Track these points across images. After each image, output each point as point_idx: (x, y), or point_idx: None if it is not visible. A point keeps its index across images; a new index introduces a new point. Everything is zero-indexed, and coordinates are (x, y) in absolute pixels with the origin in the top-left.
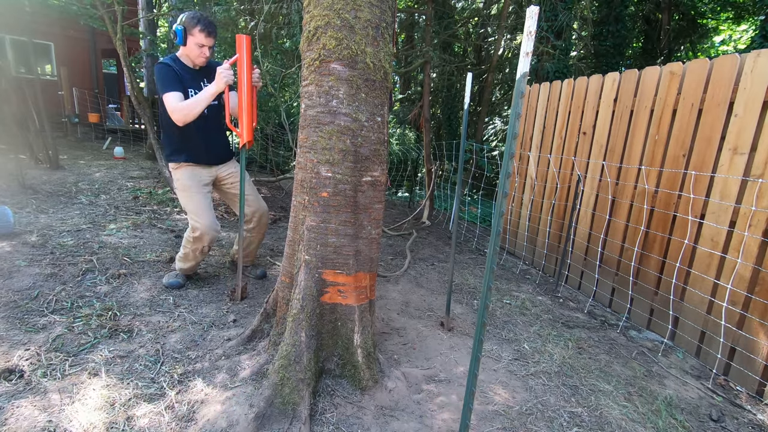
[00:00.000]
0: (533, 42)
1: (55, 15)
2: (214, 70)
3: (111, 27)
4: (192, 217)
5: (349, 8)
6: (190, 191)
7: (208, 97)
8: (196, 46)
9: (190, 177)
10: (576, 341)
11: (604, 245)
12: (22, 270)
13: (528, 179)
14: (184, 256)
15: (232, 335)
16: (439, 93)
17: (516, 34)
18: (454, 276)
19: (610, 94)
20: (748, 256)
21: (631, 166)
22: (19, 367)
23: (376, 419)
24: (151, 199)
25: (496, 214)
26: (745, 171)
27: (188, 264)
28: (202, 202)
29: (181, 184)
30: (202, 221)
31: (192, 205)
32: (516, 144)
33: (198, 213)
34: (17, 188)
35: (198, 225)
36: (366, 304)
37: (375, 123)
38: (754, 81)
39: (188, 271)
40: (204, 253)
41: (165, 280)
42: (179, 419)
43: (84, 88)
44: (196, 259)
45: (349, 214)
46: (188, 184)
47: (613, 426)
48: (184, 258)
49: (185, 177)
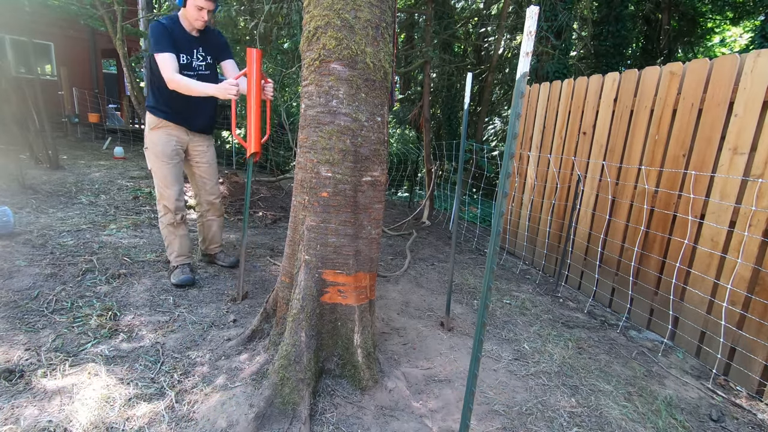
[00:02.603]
0: (533, 42)
1: (55, 15)
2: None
3: (111, 27)
4: (158, 184)
5: (349, 8)
6: (160, 160)
7: (201, 92)
8: (195, 9)
9: (164, 144)
10: (576, 341)
11: (604, 245)
12: (22, 270)
13: (528, 179)
14: (166, 241)
15: (232, 335)
16: (439, 93)
17: (516, 34)
18: (454, 276)
19: (610, 94)
20: (748, 256)
21: (631, 166)
22: (19, 367)
23: (376, 419)
24: (151, 199)
25: (496, 214)
26: (745, 171)
27: (174, 246)
28: (171, 173)
29: (153, 150)
30: (168, 190)
31: (161, 174)
32: (516, 144)
33: (165, 182)
34: (17, 188)
35: (164, 193)
36: (366, 304)
37: (375, 123)
38: (754, 81)
39: (180, 254)
40: (177, 225)
41: (173, 280)
42: (179, 419)
43: (84, 88)
44: (175, 234)
45: (349, 214)
46: (161, 151)
47: (613, 426)
48: (168, 243)
49: (160, 143)
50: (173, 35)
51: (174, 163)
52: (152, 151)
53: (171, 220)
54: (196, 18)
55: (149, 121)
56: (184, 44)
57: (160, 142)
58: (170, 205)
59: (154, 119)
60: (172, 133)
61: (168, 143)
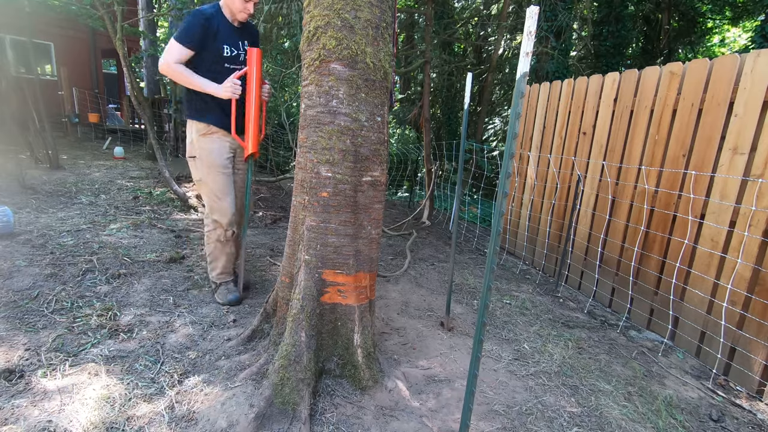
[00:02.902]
0: (533, 42)
1: (55, 15)
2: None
3: (111, 27)
4: (211, 196)
5: (349, 8)
6: (215, 169)
7: (200, 88)
8: (242, 0)
9: (219, 151)
10: (576, 341)
11: (604, 245)
12: (22, 270)
13: (528, 179)
14: (211, 256)
15: (232, 335)
16: (439, 93)
17: (516, 34)
18: (454, 276)
19: (610, 94)
20: (748, 256)
21: (631, 166)
22: (19, 367)
23: (376, 419)
24: (151, 199)
25: (496, 214)
26: (745, 171)
27: (219, 263)
28: (227, 183)
29: (207, 159)
30: (222, 203)
31: (215, 185)
32: (516, 144)
33: (219, 194)
34: (17, 188)
35: (217, 206)
36: (366, 304)
37: (375, 123)
38: (754, 81)
39: (223, 271)
40: (226, 241)
41: (221, 300)
42: (179, 419)
43: (84, 88)
44: (223, 251)
45: (349, 214)
46: (216, 162)
47: (613, 426)
48: (212, 258)
49: (215, 151)
50: (214, 28)
51: (228, 172)
52: (205, 160)
53: (221, 235)
54: (241, 10)
55: (197, 128)
56: (229, 36)
57: (215, 149)
58: (224, 219)
59: (202, 125)
60: (225, 140)
61: (222, 150)
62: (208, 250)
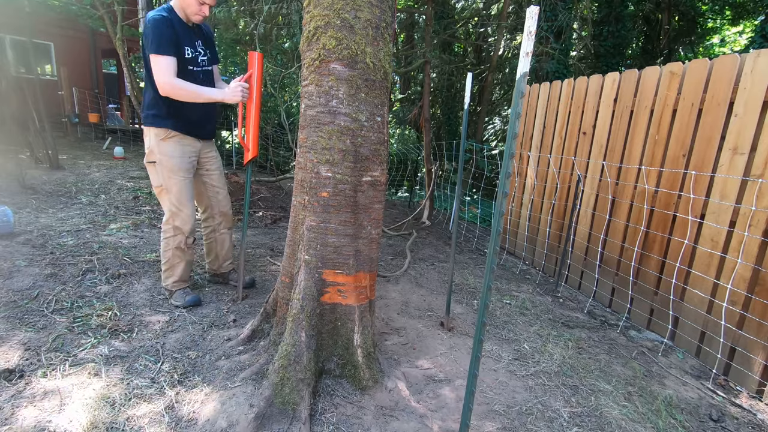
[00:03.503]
0: (533, 42)
1: (55, 15)
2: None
3: (111, 27)
4: (173, 202)
5: (349, 8)
6: (177, 174)
7: (208, 99)
8: (197, 2)
9: (180, 156)
10: (576, 341)
11: (604, 245)
12: (22, 270)
13: (528, 179)
14: (167, 264)
15: (232, 335)
16: (439, 93)
17: (516, 34)
18: (454, 276)
19: (610, 94)
20: (748, 256)
21: (631, 166)
22: (19, 367)
23: (376, 419)
24: (151, 199)
25: (496, 214)
26: (745, 171)
27: (177, 271)
28: (189, 189)
29: (168, 163)
30: (184, 210)
31: (176, 190)
32: (516, 144)
33: (181, 200)
34: (17, 188)
35: (179, 213)
36: (366, 304)
37: (375, 123)
38: (754, 81)
39: (180, 279)
40: (187, 248)
41: (177, 303)
42: (179, 419)
43: (84, 88)
44: (183, 258)
45: (349, 214)
46: (177, 166)
47: (613, 426)
48: (169, 266)
49: (175, 155)
50: (176, 30)
51: (191, 177)
52: (166, 165)
53: (181, 243)
54: (196, 12)
55: (156, 132)
56: (186, 37)
57: (176, 154)
58: (185, 226)
59: (161, 130)
60: (186, 143)
61: (184, 155)
62: (164, 257)
